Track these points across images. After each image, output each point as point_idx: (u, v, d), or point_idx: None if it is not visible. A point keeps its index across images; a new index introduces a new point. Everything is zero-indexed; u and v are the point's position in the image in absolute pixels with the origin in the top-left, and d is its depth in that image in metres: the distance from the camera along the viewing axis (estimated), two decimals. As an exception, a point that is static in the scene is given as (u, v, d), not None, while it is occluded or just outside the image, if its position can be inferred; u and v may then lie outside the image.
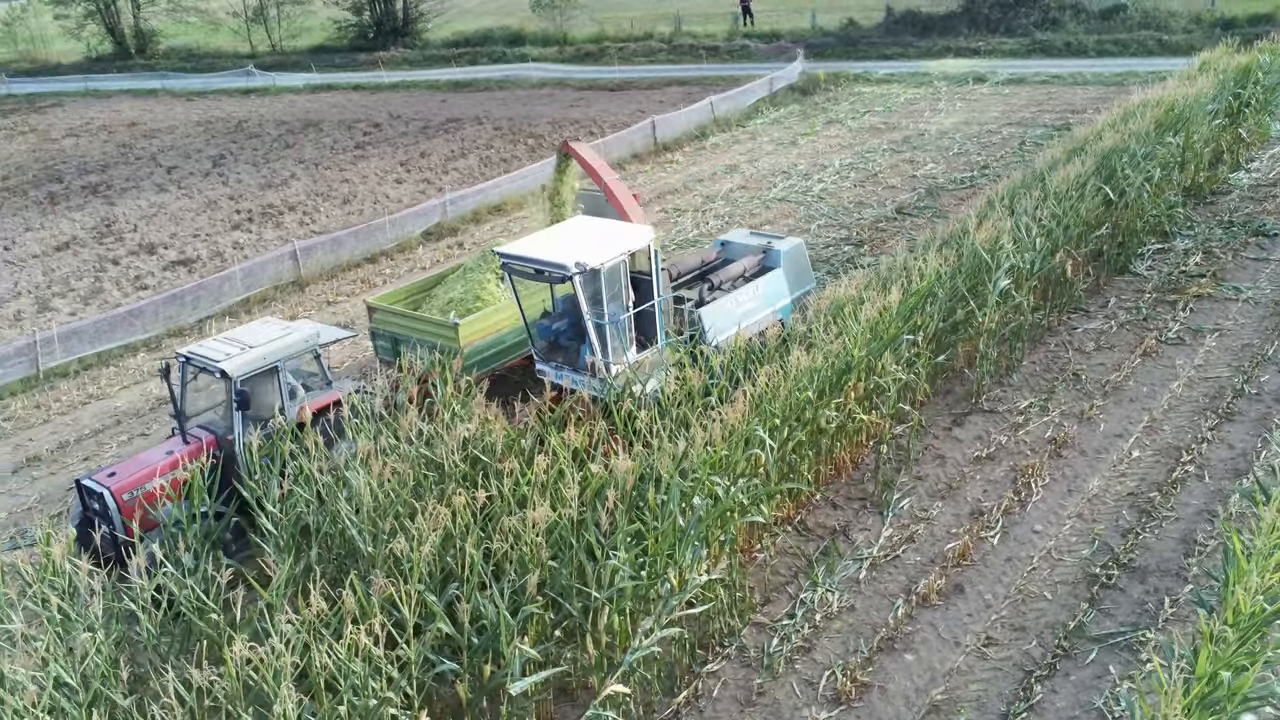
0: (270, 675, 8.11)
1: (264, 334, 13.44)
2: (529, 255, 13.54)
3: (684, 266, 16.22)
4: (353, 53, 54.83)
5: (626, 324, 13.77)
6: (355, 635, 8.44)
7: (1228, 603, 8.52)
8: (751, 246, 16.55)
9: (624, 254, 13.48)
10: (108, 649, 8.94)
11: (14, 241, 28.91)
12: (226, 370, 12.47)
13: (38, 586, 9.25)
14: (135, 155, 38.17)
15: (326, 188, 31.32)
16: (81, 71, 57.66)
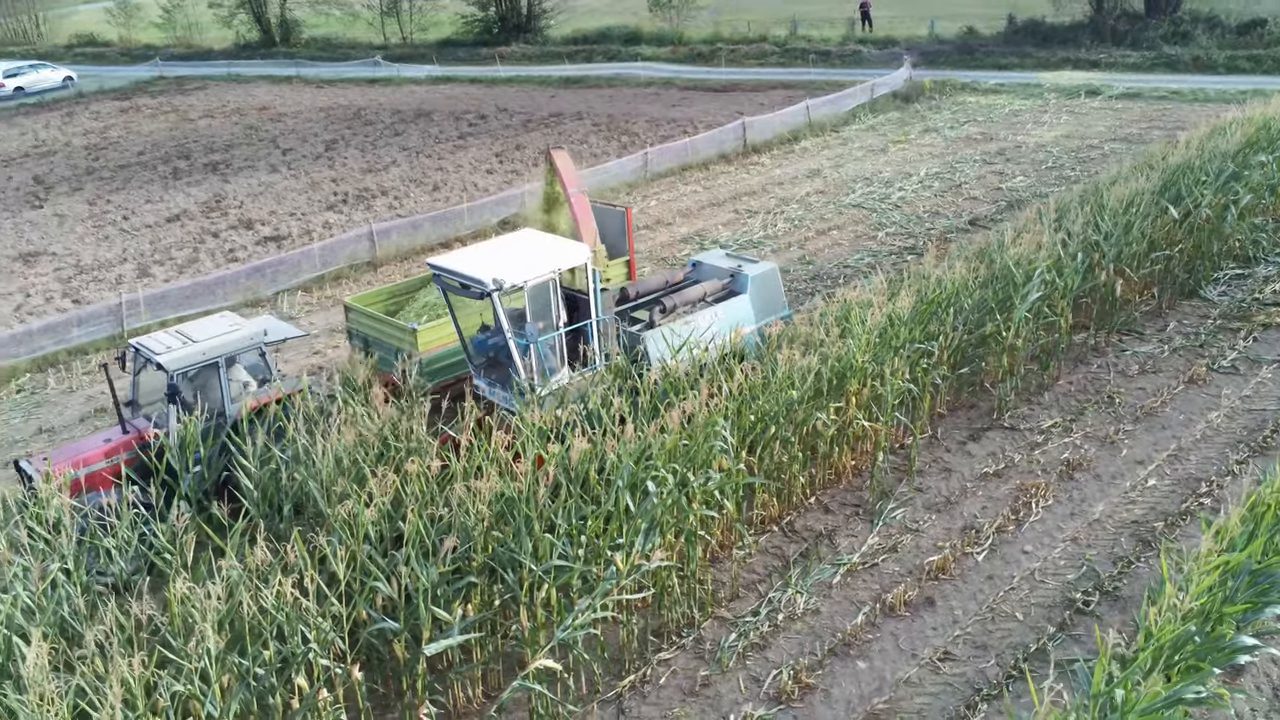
0: (200, 615, 8.70)
1: (211, 329, 13.61)
2: (454, 269, 13.09)
3: (646, 286, 15.78)
4: (476, 47, 56.46)
5: (555, 344, 13.29)
6: (283, 585, 8.98)
7: (1140, 622, 8.24)
8: (720, 269, 15.81)
9: (553, 272, 13.00)
10: (78, 578, 9.75)
11: (133, 212, 31.01)
12: (163, 364, 12.75)
13: (27, 514, 10.15)
14: (258, 137, 40.29)
15: (421, 174, 32.49)
16: (229, 57, 61.11)
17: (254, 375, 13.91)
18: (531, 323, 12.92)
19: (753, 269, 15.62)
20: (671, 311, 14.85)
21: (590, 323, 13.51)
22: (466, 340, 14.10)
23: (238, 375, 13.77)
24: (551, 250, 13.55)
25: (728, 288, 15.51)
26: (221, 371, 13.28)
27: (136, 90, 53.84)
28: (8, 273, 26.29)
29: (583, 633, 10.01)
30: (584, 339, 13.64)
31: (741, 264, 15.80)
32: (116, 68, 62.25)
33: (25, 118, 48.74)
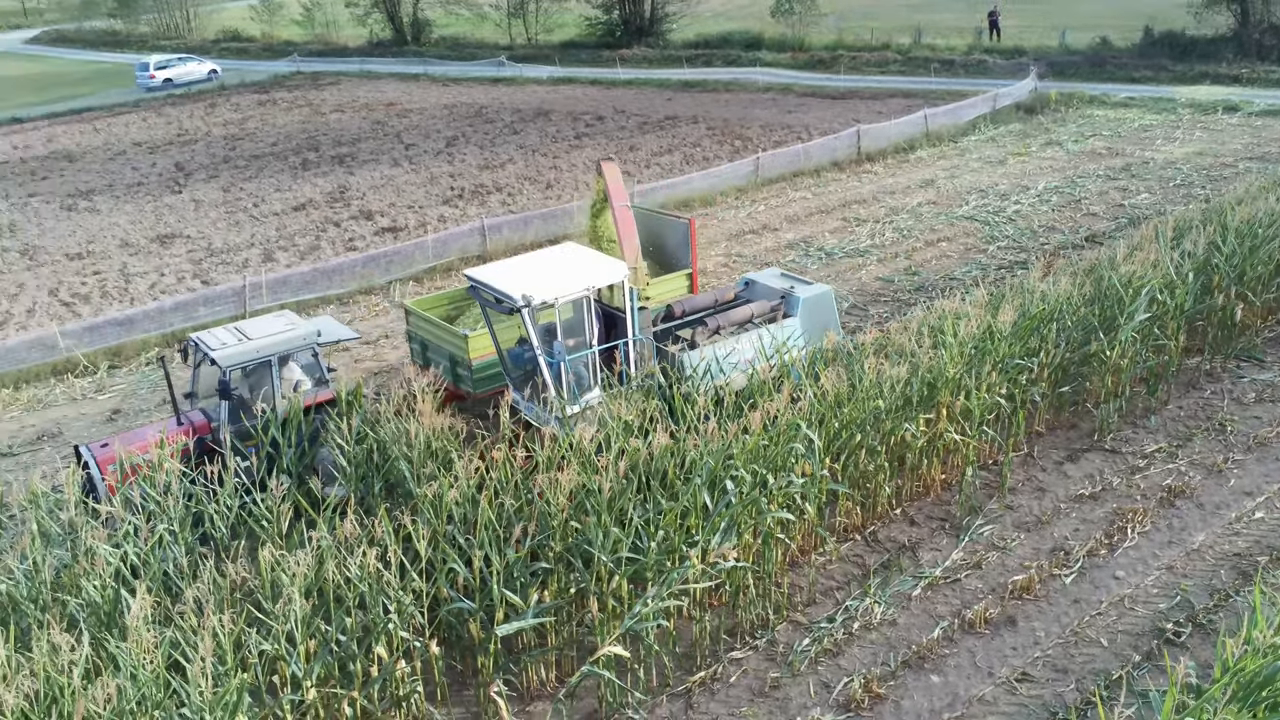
0: (290, 580, 9.19)
1: (267, 328, 13.74)
2: (488, 282, 12.90)
3: (693, 304, 15.40)
4: (597, 49, 57.21)
5: (587, 362, 12.99)
6: (368, 557, 9.41)
7: (1218, 654, 7.98)
8: (773, 289, 15.29)
9: (586, 290, 12.70)
10: (182, 538, 10.40)
11: (262, 199, 32.51)
12: (217, 359, 12.99)
13: (138, 478, 10.86)
14: (384, 132, 41.70)
15: (535, 172, 33.15)
16: (362, 55, 63.35)
17: (309, 375, 14.04)
18: (561, 340, 12.60)
19: (806, 291, 15.10)
20: (715, 332, 14.41)
21: (623, 342, 13.18)
22: (504, 353, 13.92)
23: (292, 374, 13.90)
24: (588, 267, 13.23)
25: (778, 309, 15.02)
26: (274, 369, 13.43)
27: (274, 84, 56.28)
28: (146, 252, 27.89)
29: (653, 623, 10.17)
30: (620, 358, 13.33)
31: (795, 285, 15.26)
32: (258, 62, 65.18)
33: (172, 107, 51.49)
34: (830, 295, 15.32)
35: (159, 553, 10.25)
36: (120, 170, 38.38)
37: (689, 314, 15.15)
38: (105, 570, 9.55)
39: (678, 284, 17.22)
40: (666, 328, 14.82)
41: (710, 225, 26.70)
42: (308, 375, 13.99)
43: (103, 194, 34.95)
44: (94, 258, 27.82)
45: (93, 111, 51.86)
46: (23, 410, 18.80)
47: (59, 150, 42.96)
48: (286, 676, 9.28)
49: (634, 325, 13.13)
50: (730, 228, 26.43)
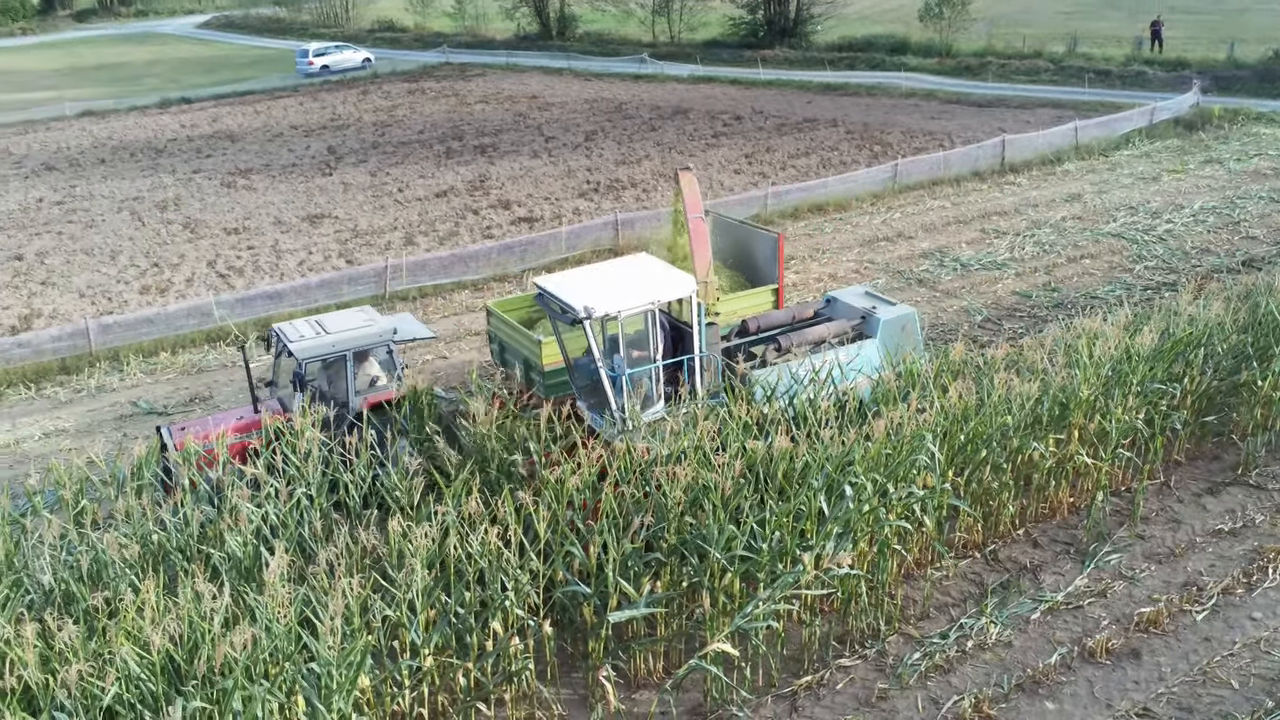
0: (414, 551, 9.58)
1: (346, 322, 13.94)
2: (555, 291, 12.73)
3: (769, 321, 14.96)
4: (739, 49, 57.13)
5: (651, 376, 12.73)
6: (489, 535, 9.74)
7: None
8: (855, 309, 14.82)
9: (651, 303, 12.39)
10: (319, 504, 10.95)
11: (407, 185, 33.66)
12: (294, 351, 13.23)
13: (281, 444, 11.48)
14: (526, 124, 42.60)
15: (671, 170, 33.33)
16: (509, 48, 64.77)
17: (385, 371, 14.15)
18: (622, 353, 12.39)
19: (888, 312, 14.61)
20: (786, 351, 13.98)
21: (688, 358, 12.93)
22: (570, 361, 13.71)
23: (370, 369, 14.06)
24: (656, 280, 12.92)
25: (857, 330, 14.57)
26: (349, 364, 13.60)
27: (424, 74, 58.08)
28: (297, 230, 29.23)
29: (763, 624, 10.21)
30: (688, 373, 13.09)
31: (877, 305, 14.77)
32: (409, 52, 67.39)
33: (328, 93, 53.68)
34: (914, 318, 14.75)
35: (296, 515, 10.81)
36: (277, 151, 40.25)
37: (764, 330, 14.78)
38: (247, 527, 10.14)
39: (761, 299, 16.68)
40: (737, 344, 14.42)
41: (844, 230, 26.44)
42: (384, 371, 14.09)
43: (260, 173, 36.74)
44: (249, 233, 29.32)
45: (254, 95, 54.49)
46: (179, 373, 19.99)
47: (222, 130, 45.32)
48: (406, 643, 9.68)
49: (700, 341, 12.86)
50: (864, 234, 26.11)
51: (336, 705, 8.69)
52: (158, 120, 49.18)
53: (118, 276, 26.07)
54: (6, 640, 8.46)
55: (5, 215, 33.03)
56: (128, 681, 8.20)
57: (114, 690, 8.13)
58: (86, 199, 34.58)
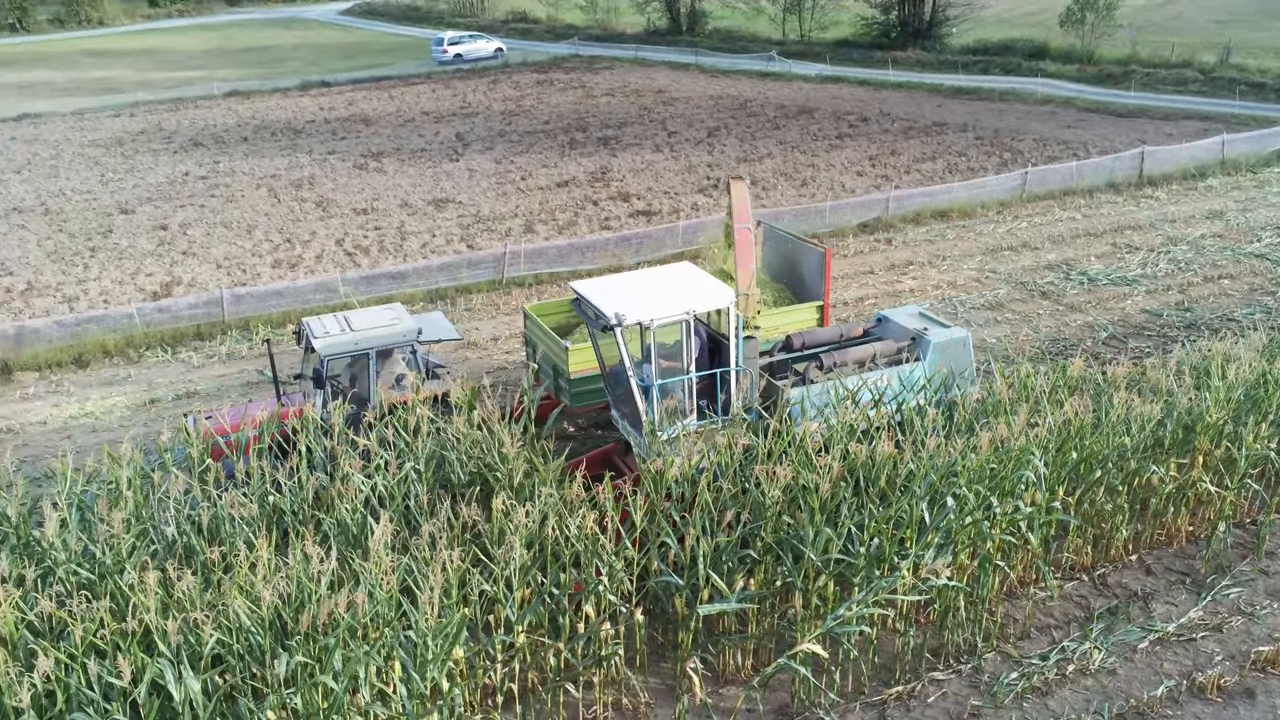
0: (514, 529, 9.80)
1: (372, 320, 13.86)
2: (589, 297, 12.46)
3: (815, 338, 14.50)
4: (870, 49, 56.24)
5: (683, 388, 12.39)
6: (587, 519, 9.89)
7: None
8: (905, 329, 14.21)
9: (685, 313, 12.06)
10: (426, 477, 11.30)
11: (530, 173, 34.25)
12: (316, 347, 13.22)
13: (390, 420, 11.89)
14: (650, 118, 42.82)
15: (792, 169, 33.12)
16: (638, 42, 65.16)
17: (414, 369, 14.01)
18: (654, 363, 12.07)
19: (939, 335, 13.94)
20: (830, 370, 13.59)
21: (722, 371, 12.58)
22: (606, 370, 13.42)
23: (395, 367, 14.01)
24: (692, 290, 12.57)
25: (906, 351, 13.97)
26: (371, 362, 13.57)
27: (553, 65, 58.90)
28: (422, 213, 30.05)
29: (854, 629, 10.10)
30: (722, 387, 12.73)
31: (929, 327, 14.15)
32: (540, 43, 68.41)
33: (459, 81, 54.92)
34: (967, 341, 14.04)
35: (403, 488, 11.16)
36: (408, 136, 41.40)
37: (809, 347, 14.36)
38: (357, 496, 10.52)
39: (806, 315, 16.23)
40: (781, 359, 14.06)
41: (966, 238, 25.83)
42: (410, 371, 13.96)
43: (390, 156, 37.86)
44: (377, 214, 30.27)
45: (390, 80, 56.14)
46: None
47: (357, 114, 46.83)
48: (501, 619, 9.90)
49: (737, 355, 12.47)
50: (987, 242, 25.46)
51: (430, 674, 8.95)
52: (298, 102, 51.08)
53: (252, 250, 27.25)
54: (130, 585, 8.99)
55: (154, 187, 34.85)
56: (237, 633, 8.61)
57: (216, 638, 8.54)
58: (229, 175, 36.20)
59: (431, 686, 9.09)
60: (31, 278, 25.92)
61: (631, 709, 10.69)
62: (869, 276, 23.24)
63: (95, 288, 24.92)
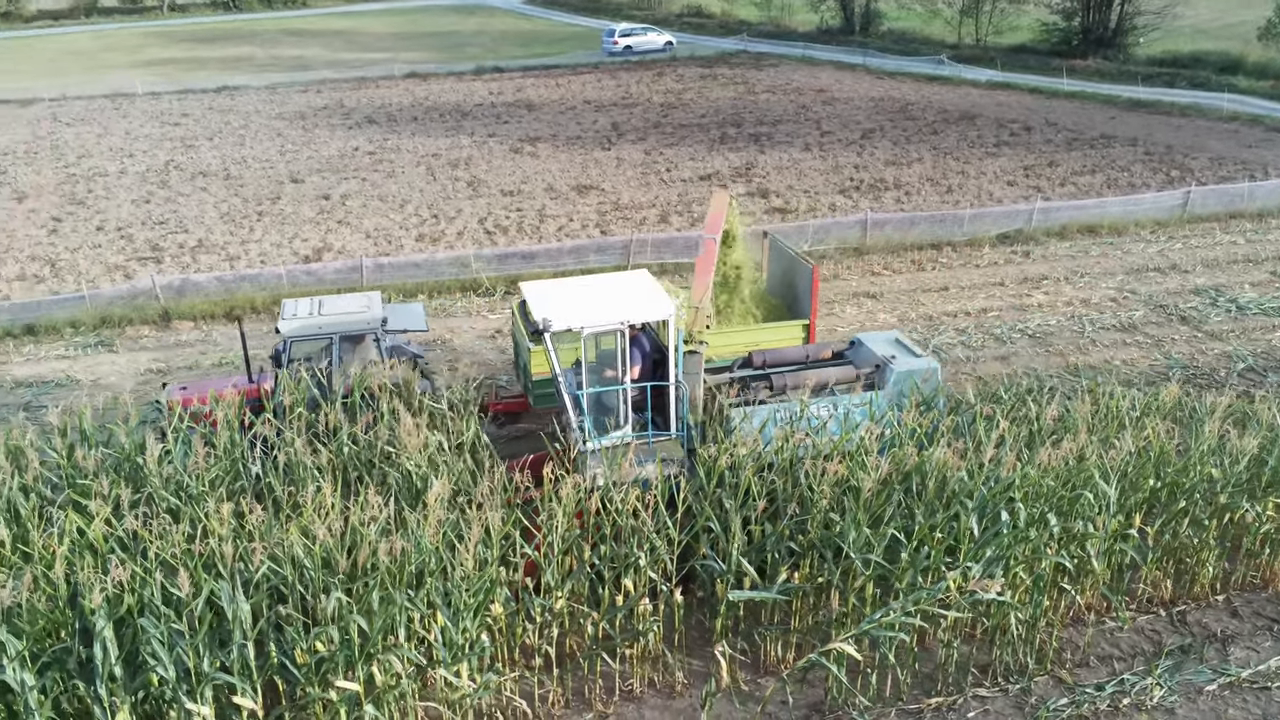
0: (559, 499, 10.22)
1: (343, 306, 14.17)
2: (528, 300, 12.24)
3: (778, 356, 13.95)
4: (1048, 56, 53.98)
5: (616, 399, 12.01)
6: (631, 493, 10.21)
7: None
8: (873, 356, 13.48)
9: (620, 323, 11.66)
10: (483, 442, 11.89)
11: (675, 165, 34.67)
12: (280, 329, 13.62)
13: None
14: (806, 117, 42.55)
15: (941, 175, 32.35)
16: (809, 40, 64.58)
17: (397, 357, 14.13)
18: (584, 371, 11.77)
19: (904, 364, 13.15)
20: (780, 391, 13.13)
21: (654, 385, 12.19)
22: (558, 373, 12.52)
23: (366, 354, 14.16)
24: (634, 300, 12.12)
25: (868, 379, 13.30)
26: (335, 347, 13.91)
27: (719, 60, 59.11)
28: (564, 198, 30.91)
29: (892, 634, 10.05)
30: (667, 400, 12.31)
31: (897, 355, 13.37)
32: (710, 38, 68.68)
33: (625, 72, 55.85)
34: (935, 372, 13.20)
35: (458, 454, 11.75)
36: (566, 123, 42.50)
37: (771, 366, 13.84)
38: (421, 455, 11.14)
39: (790, 334, 15.60)
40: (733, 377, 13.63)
41: (1111, 256, 24.73)
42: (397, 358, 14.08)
43: (546, 142, 39.00)
44: (522, 196, 31.31)
45: (559, 69, 57.62)
46: (429, 316, 21.83)
47: (522, 100, 48.34)
48: (541, 582, 10.33)
49: (676, 369, 12.01)
50: (1133, 261, 24.30)
51: (464, 624, 9.46)
52: (470, 86, 53.08)
53: (401, 223, 28.69)
54: (206, 514, 9.86)
55: (325, 160, 37.03)
56: (293, 566, 9.33)
57: (267, 566, 9.29)
58: (394, 152, 38.09)
59: (466, 638, 9.59)
60: (203, 235, 28.11)
61: (668, 687, 10.95)
62: (997, 289, 22.58)
63: (255, 248, 26.82)
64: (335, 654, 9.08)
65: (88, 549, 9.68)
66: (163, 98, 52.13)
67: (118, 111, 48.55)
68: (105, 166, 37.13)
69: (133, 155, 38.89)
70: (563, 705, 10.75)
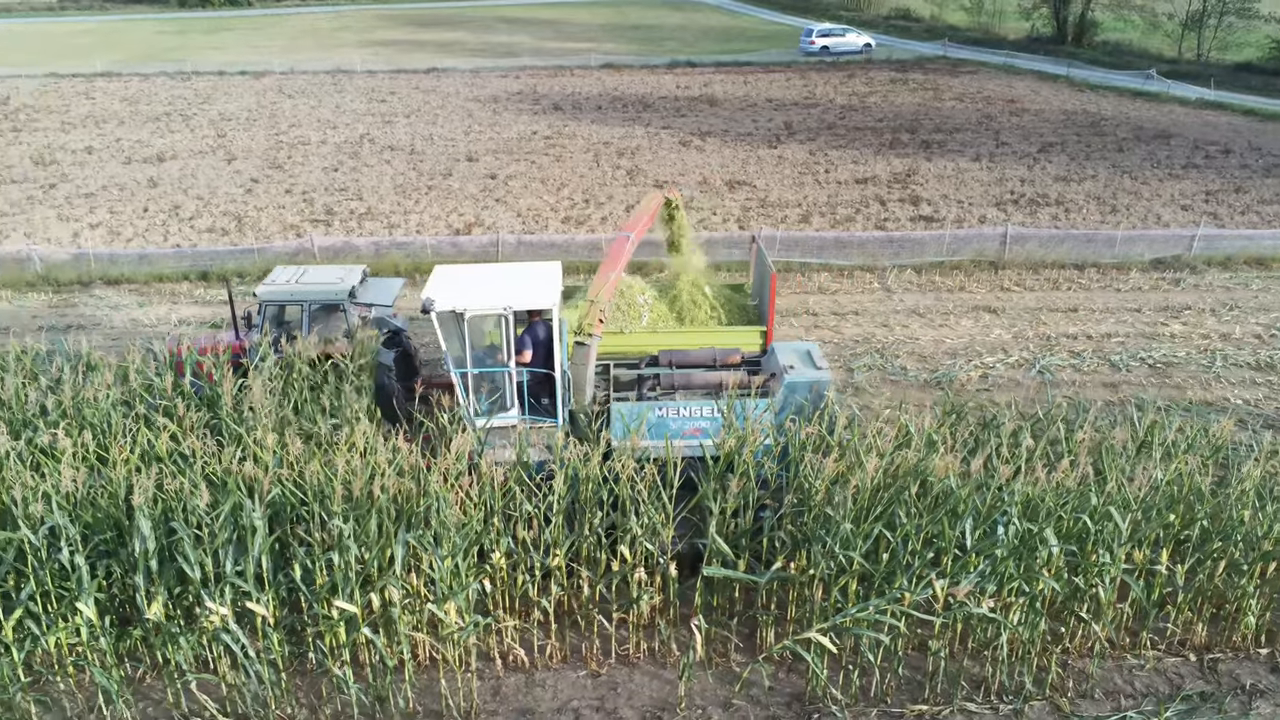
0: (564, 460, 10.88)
1: (322, 277, 15.45)
2: (433, 279, 12.82)
3: (685, 357, 13.96)
4: (1274, 76, 49.92)
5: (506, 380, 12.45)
6: (629, 464, 10.77)
7: None
8: (776, 364, 13.24)
9: (503, 308, 12.08)
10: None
11: (835, 167, 34.55)
12: (258, 292, 15.03)
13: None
14: (988, 127, 41.23)
15: (1110, 195, 30.80)
16: (1015, 48, 62.13)
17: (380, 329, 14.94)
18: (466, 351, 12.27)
19: (800, 375, 12.86)
20: (667, 390, 13.25)
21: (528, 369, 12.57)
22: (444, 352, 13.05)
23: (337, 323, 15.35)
24: (523, 288, 12.60)
25: (761, 387, 13.21)
26: (305, 312, 15.05)
27: (914, 65, 57.86)
28: (714, 192, 31.43)
29: (869, 632, 10.17)
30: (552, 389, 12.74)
31: (796, 366, 13.08)
32: (912, 42, 67.20)
33: (816, 73, 55.62)
34: (825, 386, 12.83)
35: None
36: (740, 120, 42.89)
37: (677, 366, 13.94)
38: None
39: (746, 339, 15.20)
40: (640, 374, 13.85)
41: (1273, 291, 23.03)
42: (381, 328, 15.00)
43: (716, 137, 39.56)
44: (674, 187, 31.93)
45: (750, 66, 57.96)
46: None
47: (706, 95, 49.02)
48: (540, 540, 11.02)
49: (560, 357, 12.48)
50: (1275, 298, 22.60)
51: (453, 561, 10.28)
52: (660, 79, 54.22)
53: (553, 204, 29.98)
54: (255, 440, 11.09)
55: (503, 141, 38.97)
56: (312, 493, 10.41)
57: (278, 489, 10.39)
58: (569, 138, 39.61)
59: (456, 579, 10.39)
60: (373, 204, 30.32)
61: (664, 655, 11.43)
62: (1131, 315, 21.52)
63: (415, 219, 28.73)
64: (336, 577, 10.09)
65: (156, 460, 11.10)
66: (377, 76, 55.97)
67: (335, 87, 52.51)
68: (309, 136, 40.42)
69: (335, 127, 42.12)
70: (560, 660, 11.42)
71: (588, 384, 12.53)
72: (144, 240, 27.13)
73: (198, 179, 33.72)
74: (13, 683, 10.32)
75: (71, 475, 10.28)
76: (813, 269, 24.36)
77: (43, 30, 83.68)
